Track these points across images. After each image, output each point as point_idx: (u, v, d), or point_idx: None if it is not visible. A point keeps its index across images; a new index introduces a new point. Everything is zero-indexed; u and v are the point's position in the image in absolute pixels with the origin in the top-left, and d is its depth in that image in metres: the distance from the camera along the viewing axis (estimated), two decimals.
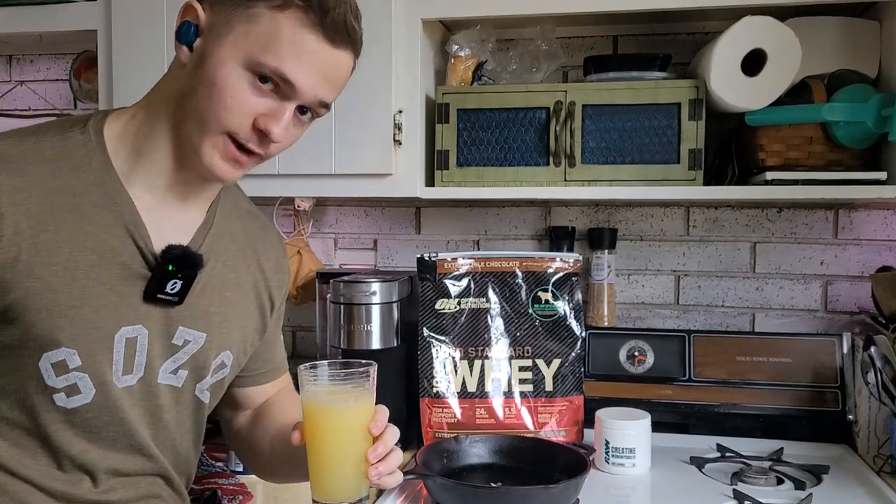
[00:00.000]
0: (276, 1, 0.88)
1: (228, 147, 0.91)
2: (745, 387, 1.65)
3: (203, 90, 0.89)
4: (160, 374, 0.99)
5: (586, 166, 1.55)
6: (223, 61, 0.89)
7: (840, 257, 1.75)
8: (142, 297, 0.95)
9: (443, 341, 1.60)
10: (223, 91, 0.89)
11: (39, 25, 1.76)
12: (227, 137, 0.91)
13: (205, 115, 0.90)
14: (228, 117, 0.90)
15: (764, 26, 1.44)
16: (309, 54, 0.89)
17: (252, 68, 0.88)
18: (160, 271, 0.95)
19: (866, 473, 1.45)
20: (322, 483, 0.94)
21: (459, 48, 1.66)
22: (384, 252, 1.96)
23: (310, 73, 0.90)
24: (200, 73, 0.90)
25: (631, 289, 1.84)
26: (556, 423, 1.58)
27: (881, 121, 1.42)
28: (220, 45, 0.89)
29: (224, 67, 0.89)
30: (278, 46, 0.88)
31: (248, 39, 0.88)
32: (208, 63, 0.89)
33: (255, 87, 0.89)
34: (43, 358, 0.90)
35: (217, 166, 0.92)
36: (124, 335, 0.94)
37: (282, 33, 0.88)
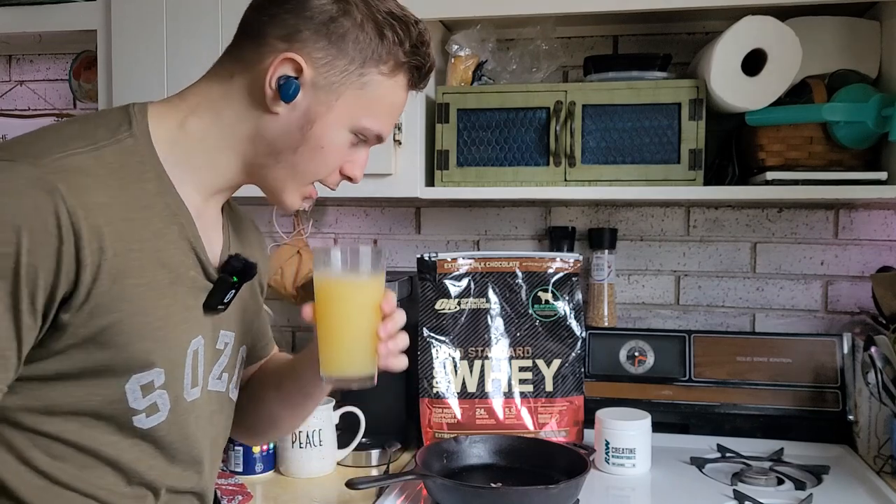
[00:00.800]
0: (388, 67, 0.92)
1: (313, 191, 0.97)
2: (746, 387, 1.65)
3: (308, 151, 0.92)
4: (210, 381, 0.98)
5: (586, 166, 1.55)
6: (333, 127, 0.91)
7: (840, 257, 1.74)
8: (202, 309, 0.93)
9: (443, 341, 1.59)
10: (329, 154, 0.93)
11: (39, 25, 1.76)
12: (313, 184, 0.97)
13: (305, 171, 0.94)
14: (325, 172, 0.95)
15: (764, 26, 1.44)
16: (401, 110, 0.97)
17: (356, 131, 0.93)
18: (225, 284, 0.94)
19: (866, 474, 1.45)
20: (332, 359, 0.96)
21: (459, 48, 1.66)
22: (384, 252, 1.96)
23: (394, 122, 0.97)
24: (307, 134, 0.91)
25: (631, 289, 1.84)
26: (557, 424, 1.58)
27: (881, 121, 1.42)
28: (328, 109, 0.91)
29: (333, 133, 0.92)
30: (380, 109, 0.93)
31: (356, 105, 0.91)
32: (317, 126, 0.91)
33: (352, 144, 0.95)
34: (132, 380, 0.86)
35: (296, 205, 0.97)
36: (192, 348, 0.92)
37: (386, 98, 0.93)
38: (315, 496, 1.41)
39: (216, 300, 0.94)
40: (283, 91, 0.89)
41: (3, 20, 1.77)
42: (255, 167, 0.94)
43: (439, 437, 1.55)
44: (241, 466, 1.49)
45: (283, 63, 0.89)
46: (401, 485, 1.39)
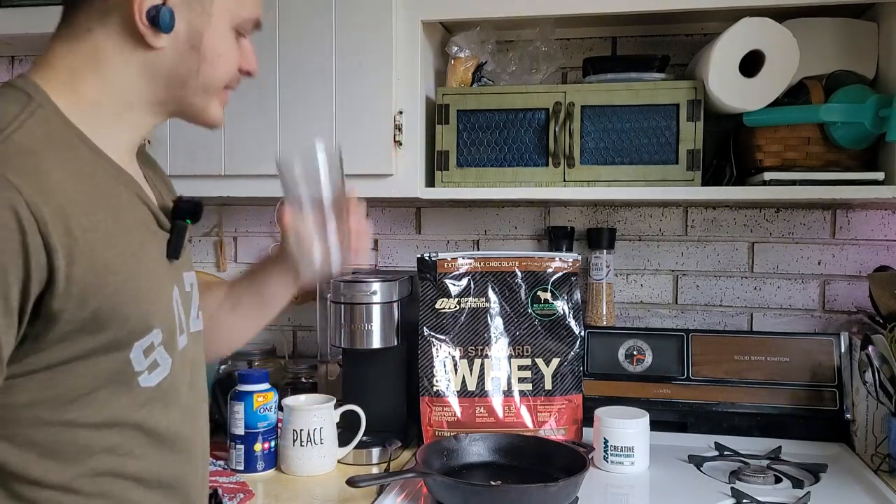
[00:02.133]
0: None
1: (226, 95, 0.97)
2: (744, 386, 1.66)
3: (208, 65, 0.91)
4: (191, 323, 0.98)
5: (585, 167, 1.56)
6: (220, 34, 0.91)
7: (838, 257, 1.75)
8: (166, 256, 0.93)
9: (443, 340, 1.60)
10: (226, 58, 0.92)
11: (41, 26, 1.76)
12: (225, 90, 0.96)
13: (213, 82, 0.93)
14: (228, 75, 0.94)
15: (762, 27, 1.45)
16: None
17: (238, 27, 0.93)
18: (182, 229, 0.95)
19: (864, 472, 1.46)
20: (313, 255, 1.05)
21: (459, 49, 1.67)
22: (384, 252, 1.97)
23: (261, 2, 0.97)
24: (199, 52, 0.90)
25: (630, 288, 1.85)
26: (556, 422, 1.59)
27: (879, 121, 1.43)
28: (208, 17, 0.90)
29: (223, 39, 0.92)
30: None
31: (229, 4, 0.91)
32: (206, 41, 0.90)
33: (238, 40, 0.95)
34: (135, 347, 0.86)
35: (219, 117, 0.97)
36: (173, 298, 0.93)
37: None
38: (316, 494, 1.42)
39: (176, 245, 0.94)
40: (160, 21, 0.85)
41: (5, 21, 1.78)
42: (167, 104, 0.93)
43: (439, 436, 1.56)
44: (242, 465, 1.49)
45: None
46: (401, 483, 1.40)
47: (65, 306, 0.77)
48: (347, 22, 1.57)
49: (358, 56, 1.57)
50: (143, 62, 0.88)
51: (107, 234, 0.81)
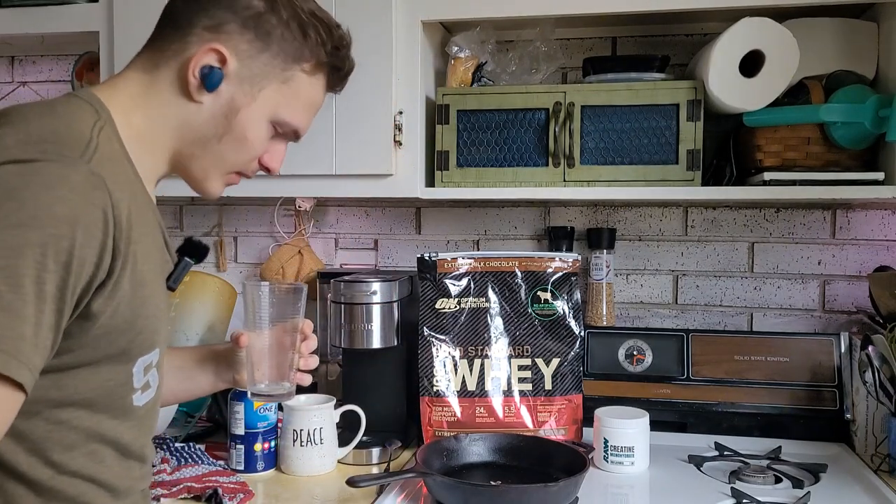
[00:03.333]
0: (310, 65, 0.97)
1: (235, 179, 1.01)
2: (744, 386, 1.66)
3: (231, 140, 0.95)
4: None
5: (585, 167, 1.56)
6: (255, 119, 0.95)
7: (838, 257, 1.75)
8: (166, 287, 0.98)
9: (443, 340, 1.60)
10: (252, 144, 0.97)
11: (42, 27, 1.77)
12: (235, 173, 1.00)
13: (227, 160, 0.97)
14: (247, 162, 0.99)
15: (762, 27, 1.45)
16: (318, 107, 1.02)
17: (276, 123, 0.97)
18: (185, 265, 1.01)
19: (864, 472, 1.46)
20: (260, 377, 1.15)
21: (459, 49, 1.67)
22: (384, 252, 1.97)
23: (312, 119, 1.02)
24: (230, 123, 0.94)
25: (630, 288, 1.85)
26: (556, 422, 1.59)
27: (879, 121, 1.43)
28: (252, 100, 0.94)
29: (256, 124, 0.96)
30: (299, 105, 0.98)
31: (278, 98, 0.96)
32: (240, 117, 0.94)
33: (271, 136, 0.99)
34: (138, 362, 0.91)
35: (217, 193, 1.01)
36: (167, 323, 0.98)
37: (305, 94, 0.98)
38: (316, 494, 1.42)
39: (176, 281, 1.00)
40: (208, 80, 0.91)
41: (5, 21, 1.78)
42: (182, 157, 0.97)
43: (439, 436, 1.56)
44: (242, 465, 1.49)
45: (207, 53, 0.92)
46: (401, 483, 1.40)
47: (104, 309, 0.82)
48: (347, 21, 1.55)
49: (358, 56, 1.55)
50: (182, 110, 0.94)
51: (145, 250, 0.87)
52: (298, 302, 1.15)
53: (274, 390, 1.16)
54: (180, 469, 1.47)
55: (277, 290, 1.15)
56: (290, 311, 1.14)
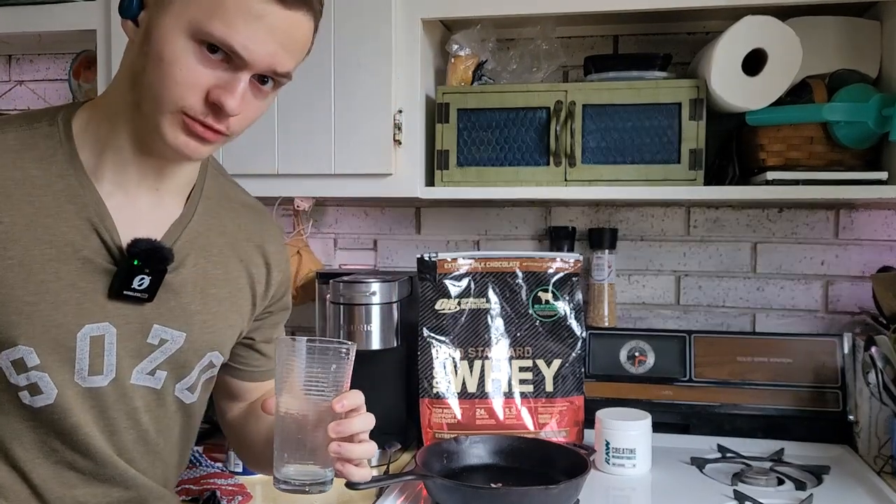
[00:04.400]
0: None
1: (188, 123, 0.86)
2: (746, 387, 1.65)
3: (152, 67, 0.84)
4: (134, 374, 0.95)
5: (587, 166, 1.55)
6: (168, 33, 0.83)
7: (841, 257, 1.74)
8: (107, 293, 0.91)
9: (443, 342, 1.59)
10: (171, 65, 0.83)
11: (38, 25, 1.76)
12: (183, 115, 0.86)
13: (158, 93, 0.85)
14: (180, 93, 0.84)
15: (764, 26, 1.44)
16: (257, 18, 0.82)
17: (198, 38, 0.83)
18: (125, 266, 0.90)
19: (867, 474, 1.45)
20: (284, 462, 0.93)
21: (459, 48, 1.66)
22: (384, 252, 1.96)
23: (261, 39, 0.83)
24: (147, 48, 0.85)
25: (631, 289, 1.84)
26: (557, 424, 1.58)
27: (882, 120, 1.42)
28: (163, 15, 0.84)
29: (170, 40, 0.83)
30: (224, 12, 0.82)
31: (191, 7, 0.82)
32: (154, 36, 0.84)
33: (203, 59, 0.84)
34: (2, 356, 0.87)
35: (182, 144, 0.87)
36: (88, 333, 0.90)
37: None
38: (314, 497, 1.40)
39: (120, 284, 0.90)
40: (125, 10, 0.85)
41: (2, 20, 1.77)
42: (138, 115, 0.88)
43: (439, 438, 1.55)
44: (240, 467, 1.48)
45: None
46: (401, 485, 1.39)
47: None
48: (347, 20, 1.56)
49: (357, 55, 1.56)
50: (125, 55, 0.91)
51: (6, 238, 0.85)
52: (342, 366, 0.94)
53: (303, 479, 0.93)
54: None
55: (318, 349, 0.93)
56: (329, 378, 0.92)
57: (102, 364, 0.92)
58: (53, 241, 0.88)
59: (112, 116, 0.91)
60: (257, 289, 1.06)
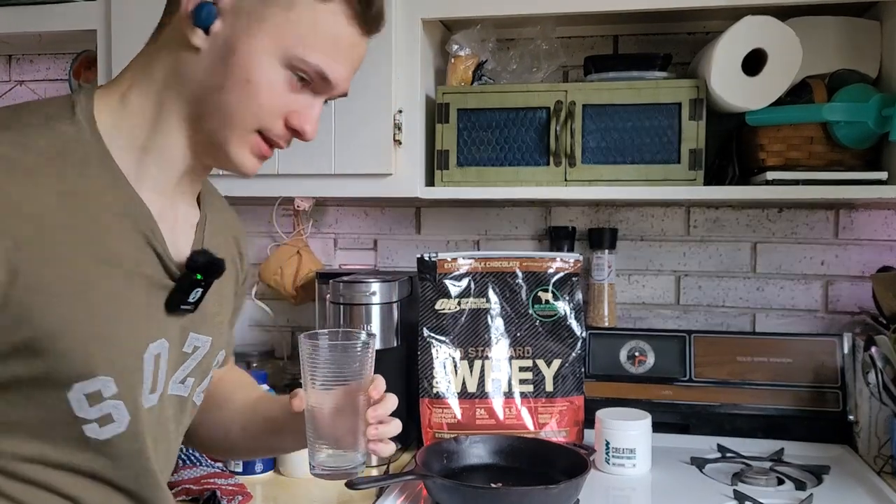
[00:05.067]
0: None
1: (260, 144, 0.85)
2: (746, 387, 1.65)
3: (234, 86, 0.81)
4: (171, 385, 0.92)
5: (587, 166, 1.55)
6: (259, 56, 0.81)
7: (841, 257, 1.74)
8: (164, 308, 0.87)
9: (443, 341, 1.59)
10: (259, 89, 0.82)
11: (39, 25, 1.76)
12: (258, 135, 0.85)
13: (236, 113, 0.82)
14: (263, 116, 0.83)
15: (764, 26, 1.44)
16: (348, 49, 0.84)
17: (291, 65, 0.82)
18: (187, 281, 0.87)
19: (867, 474, 1.45)
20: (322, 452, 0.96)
21: (459, 48, 1.66)
22: (384, 252, 1.96)
23: (346, 69, 0.85)
24: (230, 66, 0.81)
25: (631, 289, 1.84)
26: (557, 424, 1.57)
27: (882, 121, 1.42)
28: (253, 35, 0.81)
29: (261, 63, 0.81)
30: (319, 42, 0.81)
31: (285, 32, 0.81)
32: (239, 56, 0.81)
33: (292, 86, 0.83)
34: (74, 389, 0.80)
35: (247, 163, 0.86)
36: (152, 352, 0.86)
37: (322, 27, 0.82)
38: (315, 496, 1.41)
39: (179, 299, 0.87)
40: (197, 17, 0.80)
41: (3, 20, 1.77)
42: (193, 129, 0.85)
43: (439, 438, 1.55)
44: (240, 466, 1.48)
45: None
46: (401, 485, 1.39)
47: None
48: None
49: None
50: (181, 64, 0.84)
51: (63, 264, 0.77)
52: (367, 355, 0.96)
53: (339, 463, 0.96)
54: (178, 471, 1.45)
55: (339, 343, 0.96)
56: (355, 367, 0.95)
57: (158, 381, 0.88)
58: (114, 261, 0.81)
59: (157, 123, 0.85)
60: (239, 279, 1.07)
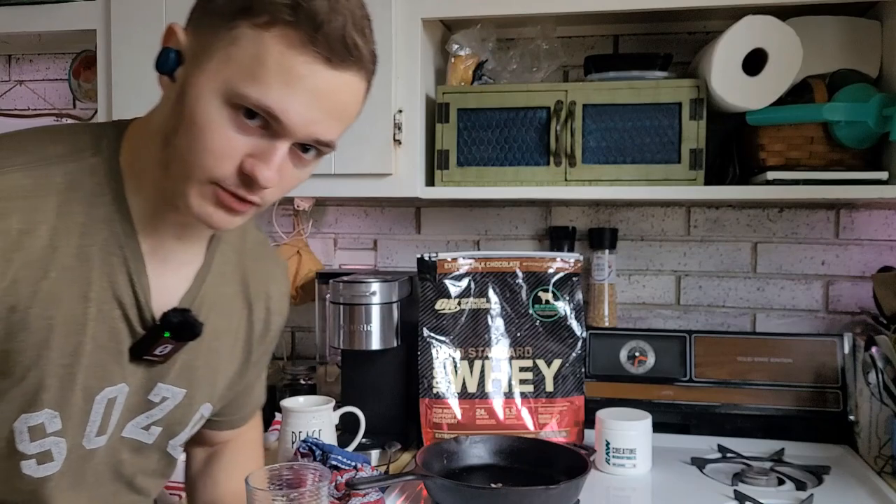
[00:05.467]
0: (260, 18, 0.72)
1: (219, 194, 0.77)
2: (746, 387, 1.65)
3: (183, 129, 0.75)
4: (127, 427, 0.89)
5: (587, 166, 1.55)
6: (202, 95, 0.74)
7: (841, 257, 1.74)
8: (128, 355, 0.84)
9: (443, 342, 1.59)
10: (204, 131, 0.74)
11: (39, 25, 1.76)
12: (214, 185, 0.77)
13: (188, 159, 0.76)
14: (212, 162, 0.75)
15: (765, 26, 1.44)
16: (298, 80, 0.73)
17: (233, 101, 0.73)
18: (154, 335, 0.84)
19: (867, 474, 1.45)
20: None
21: (460, 47, 1.66)
22: (384, 252, 1.96)
23: (302, 104, 0.73)
24: (181, 108, 0.76)
25: (632, 289, 1.84)
26: (557, 424, 1.57)
27: (882, 120, 1.42)
28: (199, 74, 0.74)
29: (203, 102, 0.74)
30: (263, 73, 0.72)
31: (228, 67, 0.73)
32: (187, 97, 0.75)
33: (239, 125, 0.74)
34: (20, 419, 0.79)
35: (210, 215, 0.78)
36: (106, 396, 0.83)
37: (266, 57, 0.72)
38: None
39: (143, 350, 0.84)
40: (161, 64, 0.77)
41: (2, 20, 1.77)
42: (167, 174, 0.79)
43: (439, 438, 1.55)
44: None
45: (167, 36, 0.78)
46: (401, 485, 1.39)
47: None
48: None
49: None
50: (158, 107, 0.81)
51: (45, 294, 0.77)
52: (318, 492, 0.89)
53: None
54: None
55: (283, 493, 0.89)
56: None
57: (108, 424, 0.86)
58: (95, 299, 0.80)
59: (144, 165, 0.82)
60: (254, 337, 1.01)
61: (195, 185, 0.77)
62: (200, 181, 0.76)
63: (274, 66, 0.72)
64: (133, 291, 0.82)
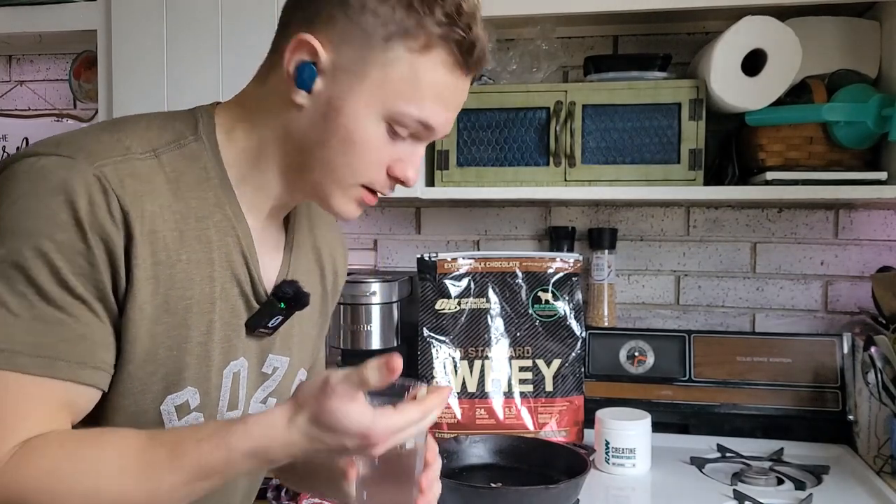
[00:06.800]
0: (418, 42, 0.78)
1: (365, 195, 0.86)
2: (746, 387, 1.65)
3: (337, 143, 0.81)
4: (252, 405, 0.93)
5: (586, 166, 1.55)
6: (360, 116, 0.80)
7: (840, 257, 1.74)
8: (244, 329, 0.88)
9: (443, 341, 1.59)
10: (363, 146, 0.81)
11: (39, 25, 1.76)
12: (362, 188, 0.85)
13: (339, 168, 0.82)
14: (366, 171, 0.83)
15: (764, 26, 1.44)
16: (452, 94, 0.82)
17: (391, 119, 0.81)
18: (270, 308, 0.88)
19: (866, 474, 1.45)
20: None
21: None
22: (384, 252, 1.96)
23: (451, 112, 0.84)
24: (332, 125, 0.81)
25: (631, 289, 1.84)
26: (557, 424, 1.58)
27: (881, 121, 1.42)
28: (353, 95, 0.80)
29: (362, 123, 0.80)
30: (419, 93, 0.80)
31: (384, 89, 0.79)
32: (342, 116, 0.80)
33: (392, 136, 0.82)
34: (167, 401, 0.82)
35: (349, 212, 0.87)
36: (231, 370, 0.87)
37: (424, 79, 0.79)
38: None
39: (258, 323, 0.88)
40: (298, 78, 0.80)
41: (3, 20, 1.77)
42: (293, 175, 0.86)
43: (439, 437, 1.55)
44: None
45: (298, 47, 0.80)
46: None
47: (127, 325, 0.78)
48: None
49: None
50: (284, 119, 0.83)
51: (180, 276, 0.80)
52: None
53: None
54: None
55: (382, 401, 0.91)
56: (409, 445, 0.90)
57: (238, 399, 0.90)
58: (218, 278, 0.84)
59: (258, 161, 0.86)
60: (327, 298, 1.05)
61: (344, 189, 0.84)
62: (351, 185, 0.84)
63: (428, 85, 0.80)
64: (248, 268, 0.87)
